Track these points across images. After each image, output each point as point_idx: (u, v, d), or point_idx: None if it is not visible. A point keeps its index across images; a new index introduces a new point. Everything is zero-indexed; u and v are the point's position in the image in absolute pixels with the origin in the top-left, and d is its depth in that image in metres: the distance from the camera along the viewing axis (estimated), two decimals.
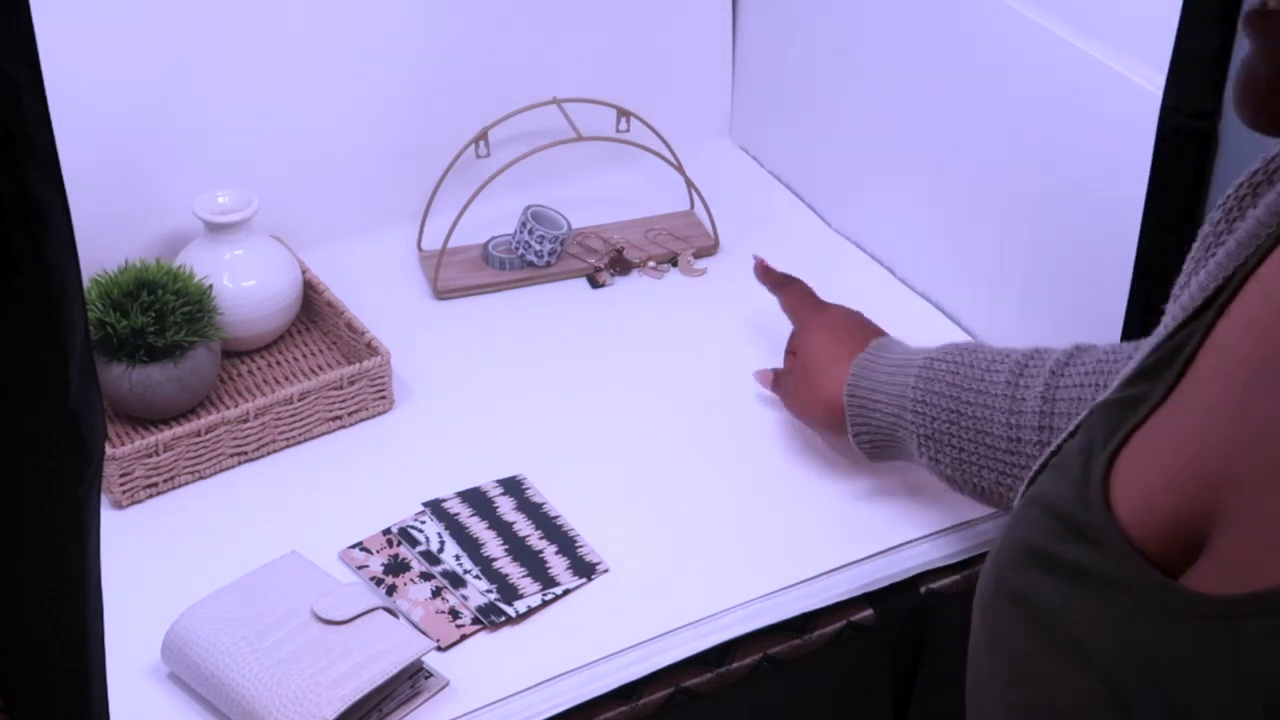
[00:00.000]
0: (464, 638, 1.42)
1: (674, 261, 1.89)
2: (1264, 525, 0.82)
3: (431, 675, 1.37)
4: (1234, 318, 0.90)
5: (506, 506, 1.55)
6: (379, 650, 1.34)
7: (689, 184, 1.94)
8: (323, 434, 1.64)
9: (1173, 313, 0.96)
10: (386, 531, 1.52)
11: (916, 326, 1.78)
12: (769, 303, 1.83)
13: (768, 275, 1.69)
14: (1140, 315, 1.48)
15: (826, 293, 1.85)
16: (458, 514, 1.54)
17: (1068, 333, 1.64)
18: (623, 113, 1.90)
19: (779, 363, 1.74)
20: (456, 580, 1.47)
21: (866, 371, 1.48)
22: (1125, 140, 1.48)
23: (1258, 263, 0.91)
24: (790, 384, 1.59)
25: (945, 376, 1.42)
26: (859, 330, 1.56)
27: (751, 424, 1.66)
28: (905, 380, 1.44)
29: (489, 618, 1.43)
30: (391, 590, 1.46)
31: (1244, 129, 1.40)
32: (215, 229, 1.69)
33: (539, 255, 1.85)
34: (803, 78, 1.95)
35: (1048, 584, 0.89)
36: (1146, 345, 0.97)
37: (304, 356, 1.74)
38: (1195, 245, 1.00)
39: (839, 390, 1.50)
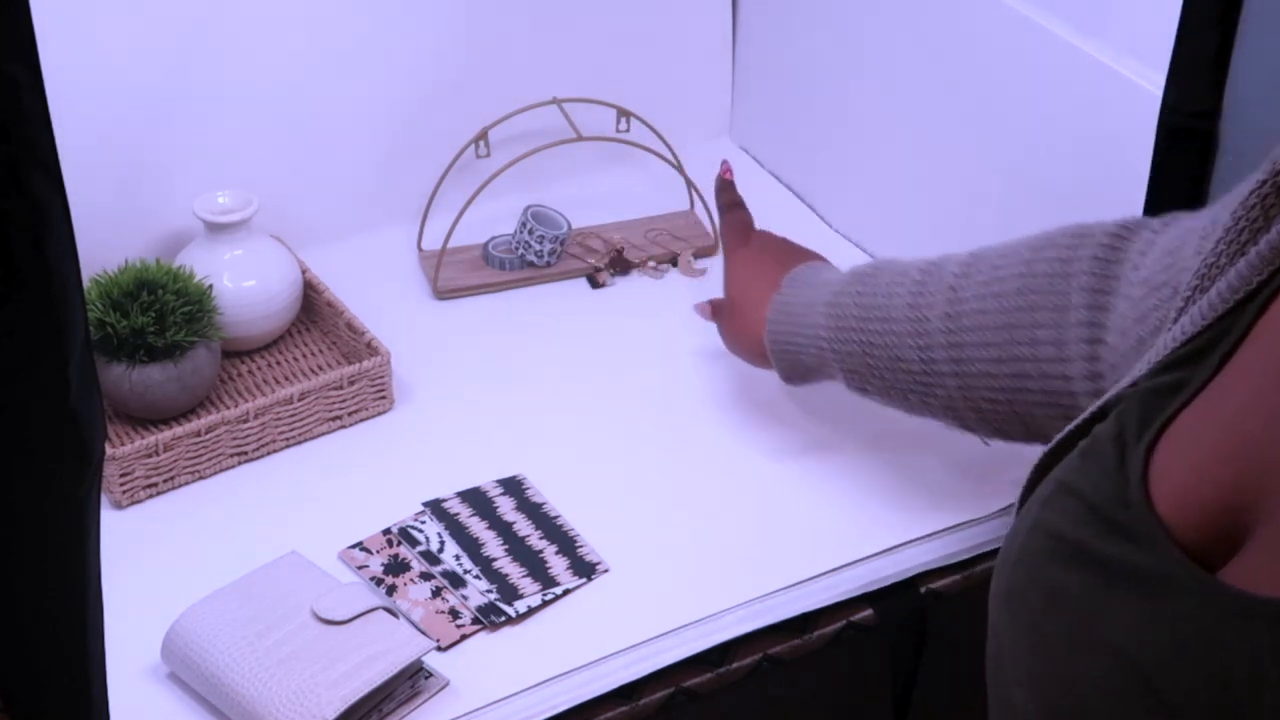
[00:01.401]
0: (464, 638, 1.42)
1: (674, 261, 1.89)
2: None
3: (431, 675, 1.38)
4: (1277, 312, 0.89)
5: (506, 506, 1.55)
6: (379, 650, 1.34)
7: (689, 184, 1.94)
8: (323, 434, 1.64)
9: (1207, 304, 0.94)
10: (386, 531, 1.52)
11: None
12: None
13: (724, 191, 1.67)
14: None
15: None
16: (458, 514, 1.54)
17: None
18: (623, 113, 1.90)
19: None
20: (456, 580, 1.47)
21: (782, 317, 1.49)
22: (1125, 140, 1.48)
23: None
24: (724, 321, 1.61)
25: (853, 312, 1.43)
26: (774, 264, 1.55)
27: (752, 424, 1.66)
28: (817, 322, 1.45)
29: (489, 618, 1.43)
30: (391, 590, 1.46)
31: (1244, 129, 1.41)
32: (215, 229, 1.69)
33: (539, 255, 1.85)
34: (803, 78, 1.95)
35: (1083, 579, 0.88)
36: (1172, 336, 0.96)
37: (304, 356, 1.74)
38: (1218, 239, 0.98)
39: (762, 333, 1.52)
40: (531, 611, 1.45)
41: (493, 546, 1.50)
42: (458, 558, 1.49)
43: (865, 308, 1.42)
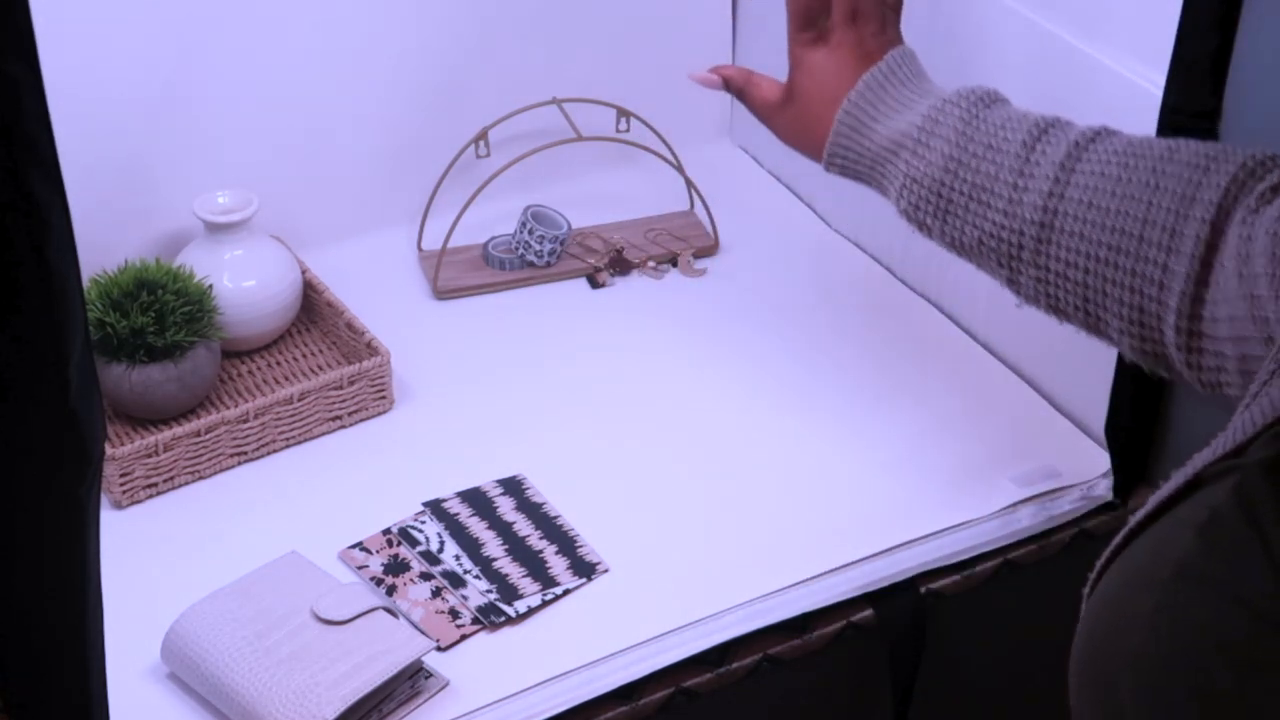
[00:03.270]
0: (464, 638, 1.42)
1: (674, 261, 1.89)
2: None
3: (431, 675, 1.37)
4: None
5: (506, 506, 1.55)
6: (379, 650, 1.34)
7: (689, 184, 1.94)
8: (323, 434, 1.64)
9: None
10: (386, 531, 1.52)
11: (917, 326, 1.79)
12: (767, 304, 1.83)
13: (729, 83, 1.47)
14: None
15: (826, 293, 1.85)
16: (458, 514, 1.54)
17: (1068, 332, 1.64)
18: (623, 113, 1.90)
19: (777, 358, 1.73)
20: (456, 580, 1.47)
21: (870, 95, 1.32)
22: None
23: None
24: (788, 117, 1.40)
25: (955, 124, 1.25)
26: (854, 59, 1.34)
27: (751, 424, 1.66)
28: (910, 119, 1.29)
29: (489, 618, 1.43)
30: (391, 590, 1.46)
31: (1244, 129, 1.41)
32: (215, 229, 1.69)
33: (539, 255, 1.85)
34: None
35: (1248, 685, 0.77)
36: None
37: (304, 356, 1.74)
38: None
39: (833, 114, 1.34)
40: (531, 611, 1.45)
41: (493, 546, 1.50)
42: (458, 558, 1.49)
43: (974, 126, 1.26)
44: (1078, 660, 0.88)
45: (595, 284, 1.86)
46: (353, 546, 1.50)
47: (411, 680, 1.36)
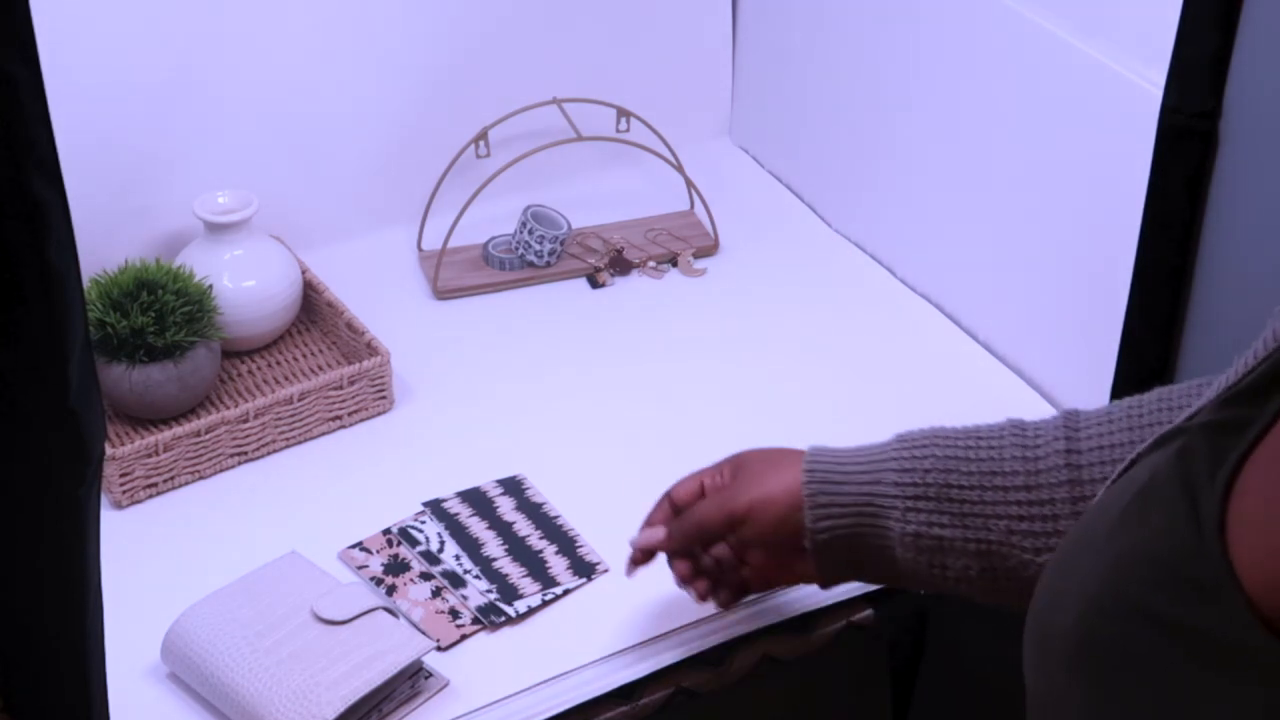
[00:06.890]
0: (464, 638, 1.42)
1: (674, 261, 1.89)
2: None
3: (431, 675, 1.37)
4: None
5: (506, 506, 1.55)
6: (379, 650, 1.34)
7: (689, 184, 1.94)
8: (323, 434, 1.64)
9: (1271, 335, 0.83)
10: (386, 531, 1.52)
11: (916, 326, 1.79)
12: (768, 304, 1.83)
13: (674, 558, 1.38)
14: (1140, 313, 1.48)
15: (827, 293, 1.85)
16: (458, 514, 1.54)
17: (1068, 332, 1.64)
18: (623, 113, 1.90)
19: (777, 359, 1.73)
20: (456, 580, 1.47)
21: (825, 454, 1.27)
22: (1125, 140, 1.48)
23: None
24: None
25: (926, 437, 1.24)
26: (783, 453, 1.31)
27: (751, 423, 1.65)
28: (878, 454, 1.25)
29: (489, 618, 1.43)
30: (391, 590, 1.46)
31: (1244, 129, 1.41)
32: (215, 229, 1.69)
33: (539, 255, 1.85)
34: (803, 78, 1.95)
35: (1153, 647, 0.77)
36: (1235, 370, 0.85)
37: (304, 356, 1.74)
38: None
39: (793, 482, 1.27)
40: (531, 611, 1.45)
41: (493, 546, 1.51)
42: (458, 558, 1.49)
43: (947, 432, 1.24)
44: (1028, 629, 0.88)
45: (595, 284, 1.86)
46: (353, 546, 1.50)
47: (411, 680, 1.36)
